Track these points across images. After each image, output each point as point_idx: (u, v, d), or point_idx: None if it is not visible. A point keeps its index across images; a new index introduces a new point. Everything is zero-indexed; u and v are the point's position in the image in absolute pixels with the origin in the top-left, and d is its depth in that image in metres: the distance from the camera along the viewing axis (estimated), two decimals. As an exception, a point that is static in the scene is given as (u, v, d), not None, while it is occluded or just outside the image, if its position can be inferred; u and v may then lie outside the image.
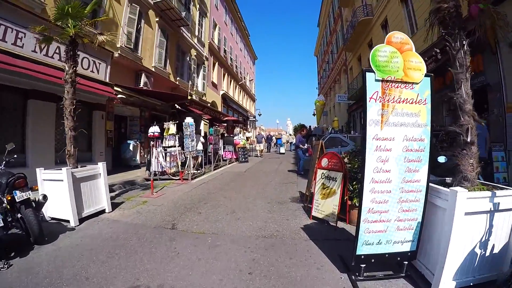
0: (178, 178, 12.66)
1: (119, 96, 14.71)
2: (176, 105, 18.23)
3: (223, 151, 19.95)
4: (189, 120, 13.59)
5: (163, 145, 13.48)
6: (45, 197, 5.73)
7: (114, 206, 8.07)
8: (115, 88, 14.38)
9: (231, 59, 39.86)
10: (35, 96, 10.60)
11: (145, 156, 15.64)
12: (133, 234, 5.81)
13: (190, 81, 18.79)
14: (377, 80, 3.80)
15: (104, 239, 5.58)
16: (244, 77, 48.27)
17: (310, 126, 30.72)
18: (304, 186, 9.71)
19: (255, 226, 6.17)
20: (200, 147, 15.85)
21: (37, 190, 6.24)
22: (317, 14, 54.44)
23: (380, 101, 3.77)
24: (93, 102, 13.49)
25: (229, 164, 19.52)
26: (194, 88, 25.37)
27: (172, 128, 13.60)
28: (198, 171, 14.64)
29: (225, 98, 36.12)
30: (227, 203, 8.35)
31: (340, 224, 6.14)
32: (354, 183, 6.11)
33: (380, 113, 3.75)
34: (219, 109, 30.65)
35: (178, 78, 22.26)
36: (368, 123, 3.72)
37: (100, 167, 7.69)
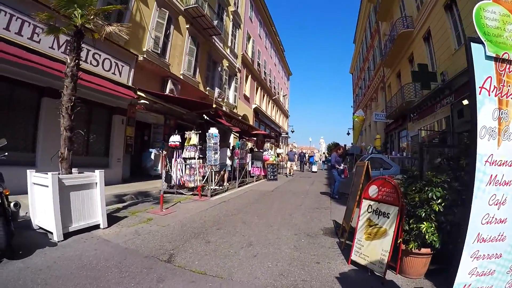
0: (196, 193, 11.37)
1: (142, 101, 13.94)
2: (204, 115, 17.30)
3: (251, 166, 18.65)
4: (213, 131, 12.34)
5: (183, 156, 12.25)
6: (16, 204, 5.15)
7: (113, 220, 7.11)
8: (138, 92, 13.50)
9: (264, 73, 38.83)
10: (50, 94, 9.84)
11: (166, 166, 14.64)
12: (117, 263, 4.60)
13: (216, 88, 17.63)
14: (488, 58, 2.17)
15: (80, 266, 4.47)
16: (278, 92, 47.13)
17: (345, 145, 29.62)
18: (339, 213, 8.73)
19: (275, 271, 4.62)
20: (227, 161, 14.74)
21: (8, 194, 5.04)
22: (353, 30, 53.31)
23: (496, 94, 2.09)
24: (113, 106, 12.83)
25: (256, 181, 18.11)
26: (225, 100, 24.41)
27: (193, 138, 12.34)
28: (220, 188, 13.33)
29: (257, 112, 35.01)
30: (245, 230, 6.87)
31: (389, 275, 4.54)
32: (411, 220, 4.57)
33: (496, 115, 2.07)
34: (251, 123, 29.40)
35: (208, 88, 21.38)
36: (479, 133, 2.04)
37: (97, 176, 6.58)
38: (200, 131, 12.63)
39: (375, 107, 35.98)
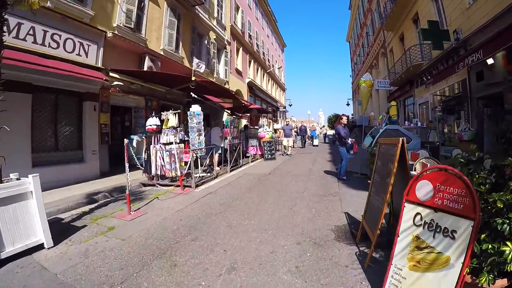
0: (177, 184, 9.69)
1: (116, 83, 12.21)
2: (191, 93, 15.61)
3: (246, 146, 16.99)
4: (195, 108, 10.60)
5: (161, 141, 10.52)
6: None
7: (66, 234, 5.63)
8: (111, 74, 11.85)
9: (257, 45, 36.74)
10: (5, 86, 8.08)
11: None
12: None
13: (194, 58, 15.74)
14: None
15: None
16: (273, 65, 45.10)
17: (347, 116, 27.72)
18: (351, 201, 7.62)
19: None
20: (218, 142, 13.18)
21: None
22: (348, -4, 50.61)
23: None
24: (82, 92, 11.16)
25: (252, 162, 16.38)
26: (215, 75, 22.51)
27: (172, 119, 10.58)
28: (209, 175, 11.55)
29: (252, 86, 33.08)
30: (229, 240, 5.12)
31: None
32: (482, 236, 2.77)
33: None
34: (245, 99, 27.52)
35: (194, 63, 19.23)
36: None
37: (31, 183, 4.91)
38: (179, 111, 10.84)
39: (376, 74, 33.81)
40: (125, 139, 7.58)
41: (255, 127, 19.71)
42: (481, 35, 11.70)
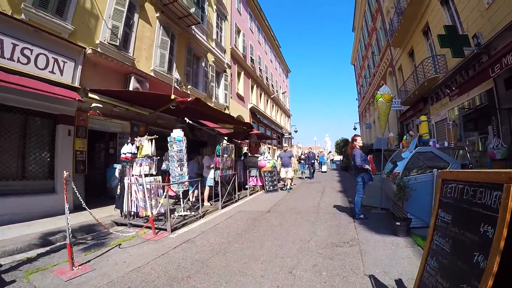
0: (146, 226, 7.84)
1: (94, 105, 10.95)
2: (186, 118, 14.14)
3: (248, 176, 15.19)
4: (176, 133, 8.89)
5: (133, 172, 8.67)
6: None
7: None
8: (90, 95, 10.60)
9: (260, 69, 35.45)
10: None
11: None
12: None
13: (174, 72, 14.11)
14: None
15: None
16: (277, 90, 43.74)
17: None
18: (375, 255, 5.61)
19: None
20: (207, 174, 11.49)
21: None
22: (351, 18, 49.64)
23: None
24: (56, 114, 10.01)
25: (250, 195, 14.40)
26: (213, 100, 20.90)
27: (146, 146, 8.69)
28: (193, 214, 9.49)
29: (254, 112, 31.41)
30: None
31: None
32: None
33: None
34: (256, 130, 25.85)
35: (190, 87, 18.00)
36: None
37: None
38: (155, 136, 9.00)
39: None
40: (64, 171, 5.74)
41: (255, 155, 17.55)
42: (504, 38, 10.36)
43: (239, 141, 19.30)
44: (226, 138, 17.28)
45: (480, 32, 12.18)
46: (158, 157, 8.92)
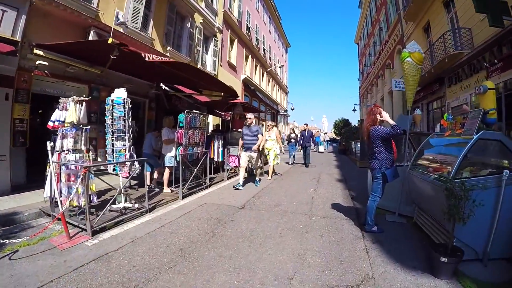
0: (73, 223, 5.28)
1: (39, 62, 8.87)
2: (161, 83, 12.17)
3: (227, 155, 12.53)
4: (117, 93, 6.53)
5: (54, 147, 6.15)
6: None
7: None
8: (36, 50, 8.73)
9: (257, 39, 33.01)
10: None
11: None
12: None
13: (117, 12, 11.31)
14: None
15: None
16: (274, 64, 41.21)
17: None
18: None
19: None
20: (169, 151, 8.81)
21: None
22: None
23: None
24: None
25: (228, 179, 11.97)
26: (199, 66, 18.46)
27: (72, 111, 6.10)
28: (137, 207, 6.85)
29: (248, 84, 28.97)
30: None
31: None
32: None
33: None
34: (240, 99, 23.39)
35: (169, 48, 15.60)
36: None
37: None
38: (85, 97, 6.58)
39: (389, 75, 29.84)
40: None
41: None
42: None
43: (222, 113, 16.75)
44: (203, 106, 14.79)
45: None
46: (89, 127, 6.51)
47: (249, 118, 10.53)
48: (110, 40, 6.69)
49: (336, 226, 6.30)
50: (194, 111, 9.24)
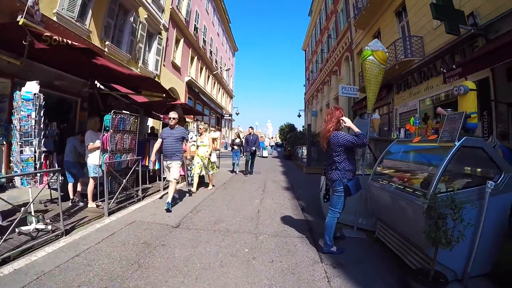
0: None
1: None
2: (96, 81, 10.64)
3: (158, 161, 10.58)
4: (27, 87, 5.40)
5: None
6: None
7: None
8: None
9: (204, 41, 32.20)
10: None
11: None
12: None
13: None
14: None
15: None
16: (221, 67, 40.40)
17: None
18: None
19: None
20: (92, 159, 7.38)
21: None
22: (308, 2, 47.31)
23: None
24: None
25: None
26: (139, 65, 17.30)
27: None
28: (50, 229, 5.53)
29: (192, 87, 28.00)
30: None
31: None
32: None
33: None
34: (183, 101, 22.19)
35: (108, 43, 14.43)
36: None
37: None
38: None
39: (336, 82, 30.26)
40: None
41: None
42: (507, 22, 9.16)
43: (161, 115, 15.48)
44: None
45: (477, 11, 10.61)
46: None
47: (173, 119, 8.16)
48: (21, 21, 5.49)
49: (288, 247, 5.47)
50: (124, 111, 7.97)
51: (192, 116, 24.56)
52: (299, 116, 50.47)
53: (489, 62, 8.39)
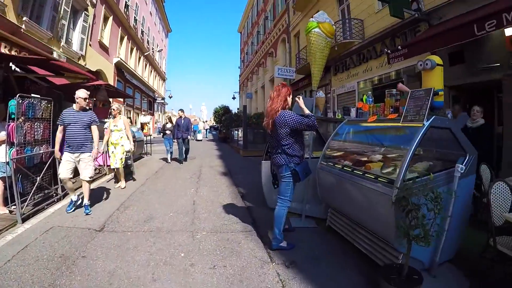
0: None
1: None
2: (11, 64, 8.88)
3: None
4: None
5: None
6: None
7: None
8: None
9: (135, 19, 30.68)
10: None
11: None
12: None
13: None
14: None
15: None
16: (153, 48, 38.82)
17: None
18: None
19: None
20: None
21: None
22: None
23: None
24: None
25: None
26: (62, 44, 15.85)
27: None
28: None
29: (122, 69, 26.44)
30: None
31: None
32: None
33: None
34: (112, 84, 20.78)
35: (25, 19, 12.96)
36: None
37: None
38: None
39: (272, 63, 30.52)
40: None
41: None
42: (452, 9, 9.44)
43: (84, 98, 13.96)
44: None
45: (422, -4, 10.80)
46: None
47: (80, 99, 6.52)
48: None
49: (232, 246, 4.87)
50: (34, 95, 6.74)
51: (122, 100, 23.24)
52: (233, 98, 50.35)
53: (437, 44, 8.37)
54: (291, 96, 4.75)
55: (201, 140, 30.94)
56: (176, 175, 11.40)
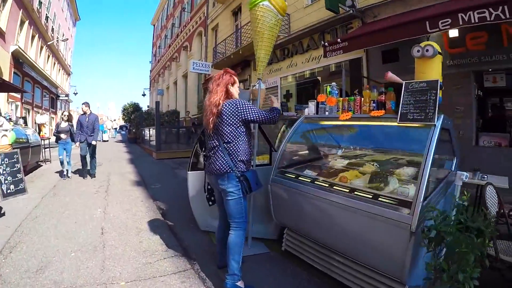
0: None
1: None
2: None
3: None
4: None
5: None
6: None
7: None
8: None
9: (40, 2, 27.90)
10: None
11: None
12: None
13: None
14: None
15: None
16: (58, 37, 35.65)
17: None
18: None
19: None
20: None
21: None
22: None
23: None
24: None
25: None
26: None
27: None
28: None
29: (20, 60, 23.53)
30: None
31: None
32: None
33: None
34: (7, 78, 18.32)
35: None
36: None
37: None
38: None
39: (187, 57, 29.87)
40: None
41: None
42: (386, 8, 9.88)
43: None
44: None
45: (355, -7, 11.05)
46: None
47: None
48: None
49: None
50: None
51: (18, 96, 20.69)
52: (143, 95, 48.01)
53: (383, 39, 8.17)
54: (236, 86, 3.68)
55: (107, 141, 29.14)
56: (79, 189, 8.99)
